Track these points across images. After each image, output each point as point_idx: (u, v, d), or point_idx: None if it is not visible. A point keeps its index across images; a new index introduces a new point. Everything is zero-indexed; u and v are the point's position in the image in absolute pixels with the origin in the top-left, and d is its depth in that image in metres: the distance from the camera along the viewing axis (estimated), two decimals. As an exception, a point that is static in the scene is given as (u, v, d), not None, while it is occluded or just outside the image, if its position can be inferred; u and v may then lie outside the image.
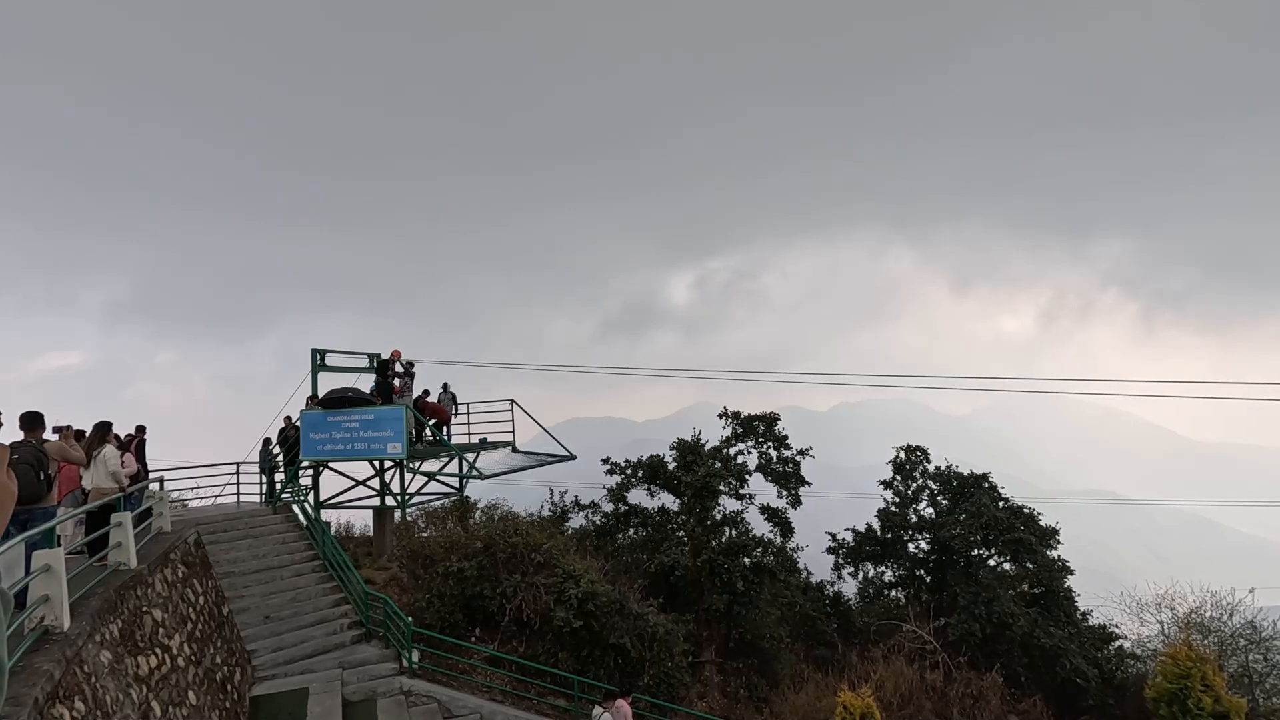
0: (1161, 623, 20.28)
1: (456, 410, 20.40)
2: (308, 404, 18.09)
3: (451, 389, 20.23)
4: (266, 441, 19.11)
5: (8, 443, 7.73)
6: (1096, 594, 22.31)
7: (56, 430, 9.76)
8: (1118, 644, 19.95)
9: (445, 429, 19.62)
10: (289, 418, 18.54)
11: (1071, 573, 20.75)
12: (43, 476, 7.77)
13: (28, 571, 6.68)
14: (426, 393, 19.70)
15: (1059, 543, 21.27)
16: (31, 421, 7.91)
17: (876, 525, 23.44)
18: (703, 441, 22.61)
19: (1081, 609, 20.45)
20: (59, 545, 7.22)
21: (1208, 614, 19.55)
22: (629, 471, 22.57)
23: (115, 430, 11.02)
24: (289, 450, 18.17)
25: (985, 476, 22.93)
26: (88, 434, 10.43)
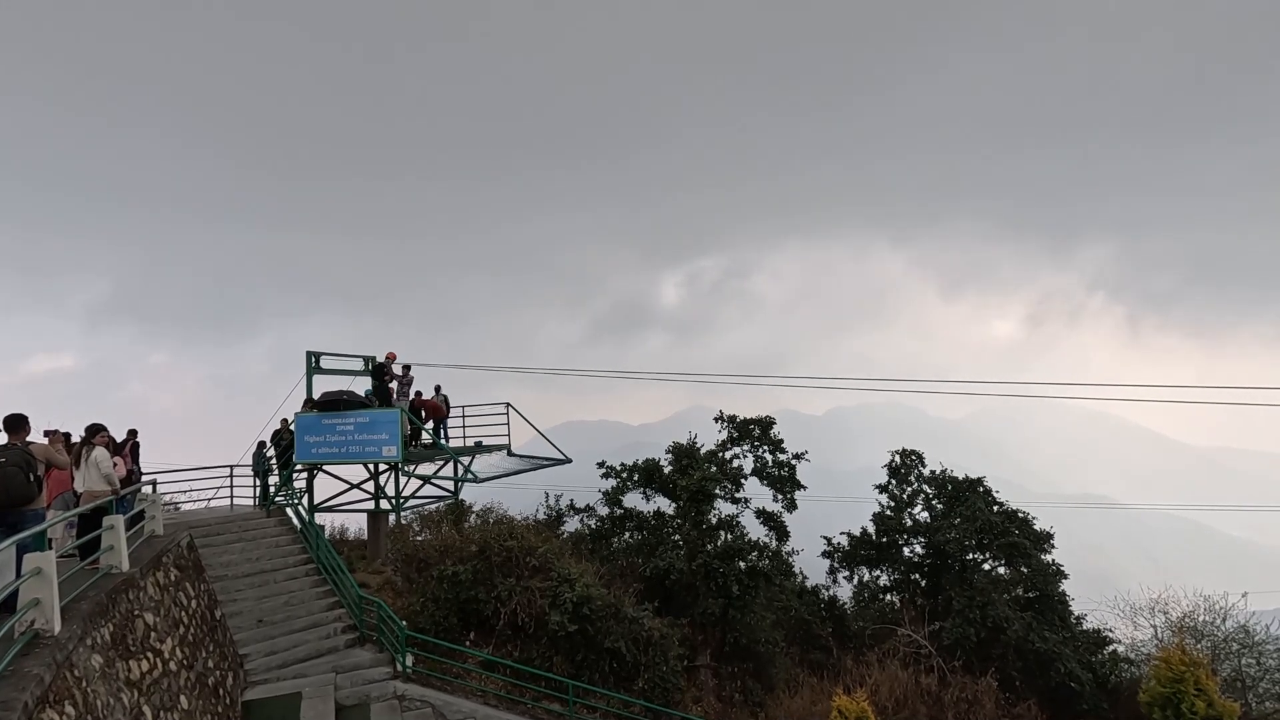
0: (1155, 627, 20.33)
1: (449, 410, 20.38)
2: (305, 407, 18.02)
3: (444, 391, 20.22)
4: (261, 444, 19.03)
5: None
6: (1090, 598, 22.33)
7: (47, 434, 9.69)
8: (1112, 648, 19.97)
9: (442, 428, 19.58)
10: (285, 420, 18.46)
11: (1066, 577, 20.77)
12: (32, 478, 7.71)
13: (18, 574, 6.63)
14: (419, 393, 19.69)
15: (1053, 547, 21.28)
16: (14, 424, 7.84)
17: (871, 529, 23.43)
18: (698, 445, 22.60)
19: (1076, 613, 20.47)
20: (50, 548, 7.16)
21: (1201, 618, 19.61)
22: (624, 475, 22.53)
23: (109, 433, 10.93)
24: (284, 453, 18.09)
25: (980, 480, 22.97)
26: (79, 439, 10.36)
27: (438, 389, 20.16)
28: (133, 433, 14.59)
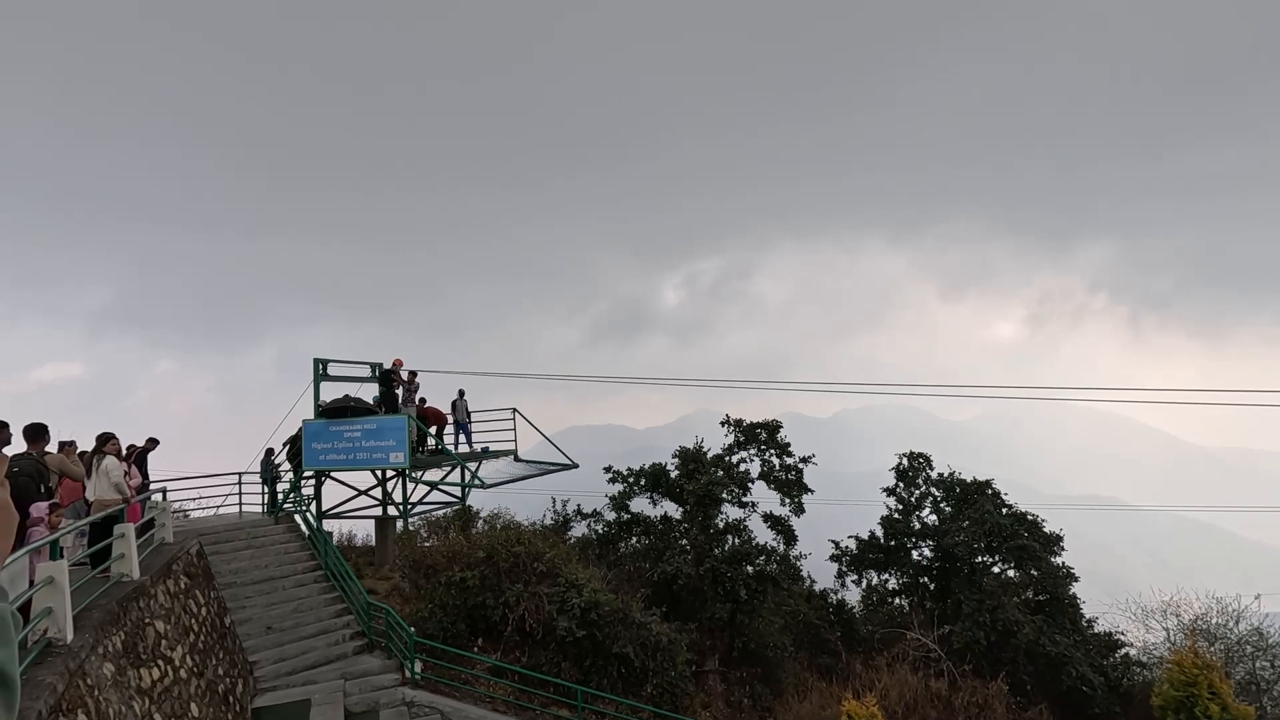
0: (1167, 629, 20.18)
1: (470, 419, 20.49)
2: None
3: (465, 397, 20.43)
4: (269, 451, 19.08)
5: (9, 455, 7.73)
6: (1100, 600, 22.19)
7: (60, 446, 9.75)
8: (1123, 651, 19.83)
9: (443, 433, 19.62)
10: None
11: (1076, 579, 20.64)
12: (43, 489, 7.76)
13: (31, 584, 6.66)
14: (424, 400, 19.75)
15: (1063, 549, 21.15)
16: (35, 434, 7.93)
17: (880, 532, 23.33)
18: (705, 449, 22.55)
19: (1087, 616, 20.33)
20: (62, 557, 7.19)
21: (1213, 620, 19.47)
22: (631, 480, 22.49)
23: (118, 441, 10.97)
24: (297, 458, 18.13)
25: (988, 483, 22.85)
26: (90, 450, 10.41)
27: (461, 393, 20.32)
28: (153, 441, 14.56)
